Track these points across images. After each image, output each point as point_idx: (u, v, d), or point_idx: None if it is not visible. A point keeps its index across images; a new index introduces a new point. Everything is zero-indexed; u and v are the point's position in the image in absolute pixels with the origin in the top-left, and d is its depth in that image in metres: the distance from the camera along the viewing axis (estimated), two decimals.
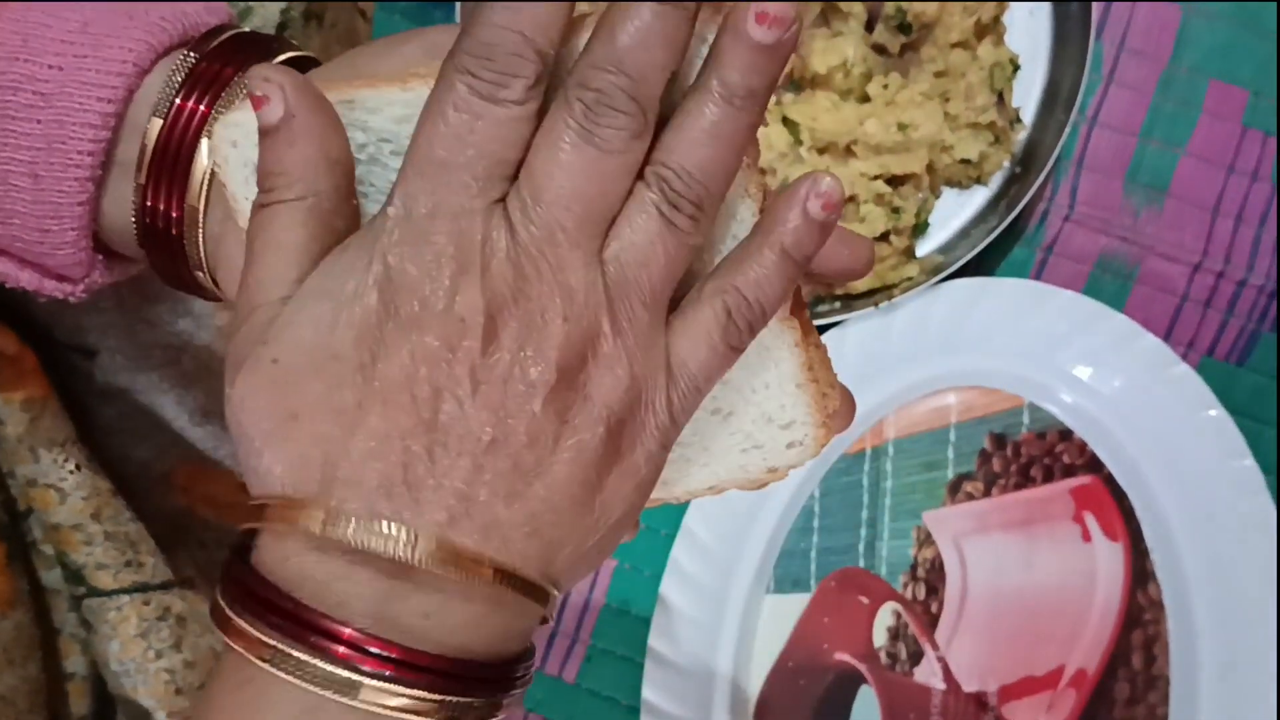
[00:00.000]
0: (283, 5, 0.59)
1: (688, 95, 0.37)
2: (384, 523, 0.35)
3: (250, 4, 0.59)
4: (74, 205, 0.46)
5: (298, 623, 0.36)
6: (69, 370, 0.60)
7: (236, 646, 0.37)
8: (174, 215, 0.46)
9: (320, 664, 0.35)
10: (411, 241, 0.35)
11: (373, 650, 0.35)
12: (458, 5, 0.83)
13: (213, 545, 0.66)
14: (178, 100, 0.45)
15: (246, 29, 0.49)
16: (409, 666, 0.36)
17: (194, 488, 0.65)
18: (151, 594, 0.60)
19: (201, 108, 0.46)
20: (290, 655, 0.35)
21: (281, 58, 0.48)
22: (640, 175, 0.36)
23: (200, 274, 0.47)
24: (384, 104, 0.40)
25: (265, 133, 0.37)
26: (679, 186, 0.36)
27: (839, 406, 0.43)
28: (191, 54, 0.46)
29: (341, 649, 0.35)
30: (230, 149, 0.42)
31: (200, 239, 0.46)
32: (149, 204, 0.46)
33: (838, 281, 0.44)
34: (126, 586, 0.59)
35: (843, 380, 0.80)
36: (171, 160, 0.45)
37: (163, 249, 0.47)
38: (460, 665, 0.37)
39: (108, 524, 0.58)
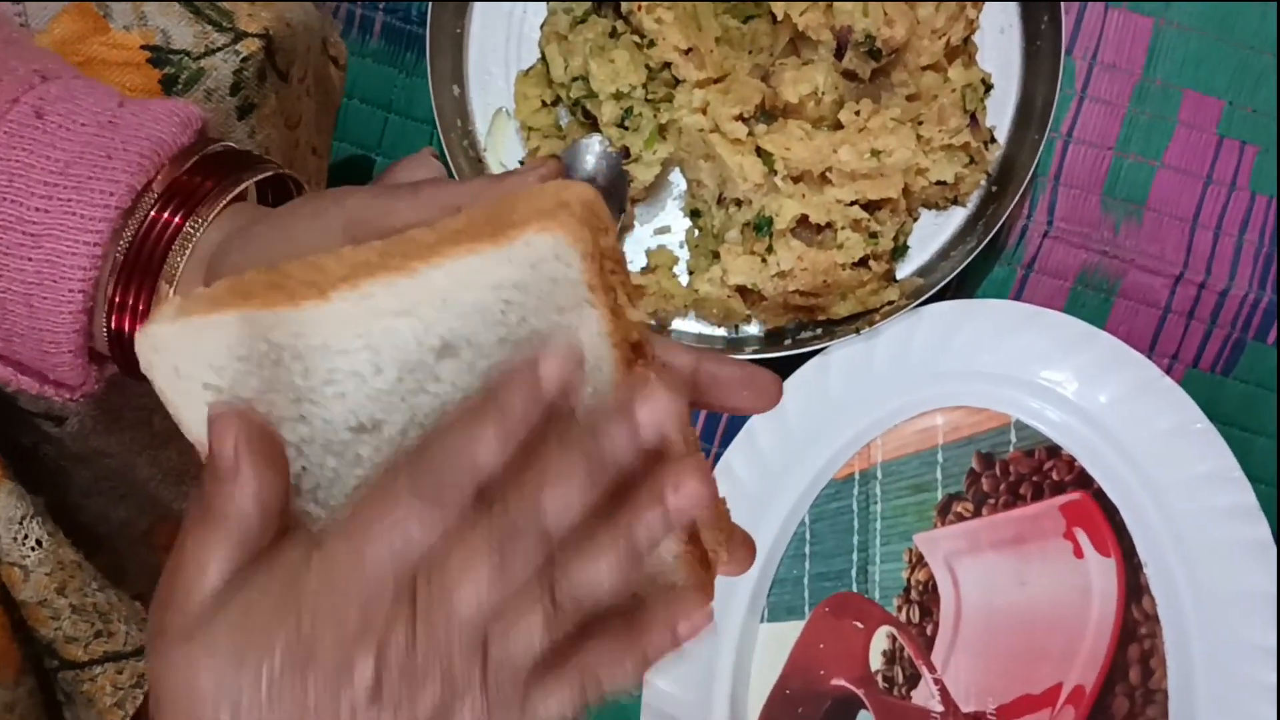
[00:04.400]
0: (235, 66, 0.59)
1: (600, 533, 0.39)
2: None
3: (201, 65, 0.59)
4: (69, 333, 0.48)
5: None
6: (41, 435, 0.60)
7: None
8: (141, 309, 0.48)
9: None
10: (326, 602, 0.39)
11: None
12: (428, 16, 0.82)
13: None
14: (152, 213, 0.48)
15: (226, 144, 0.51)
16: None
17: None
18: (125, 662, 0.60)
19: (176, 219, 0.48)
20: None
21: (259, 177, 0.50)
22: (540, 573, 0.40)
23: None
24: (306, 327, 0.41)
25: (210, 469, 0.40)
26: (570, 606, 0.39)
27: (737, 552, 0.46)
28: (173, 169, 0.49)
29: None
30: (154, 355, 0.43)
31: None
32: (117, 300, 0.48)
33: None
34: (98, 657, 0.58)
35: (829, 406, 0.80)
36: (143, 267, 0.48)
37: (128, 343, 0.49)
38: None
39: (74, 597, 0.57)
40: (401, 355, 0.42)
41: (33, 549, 0.56)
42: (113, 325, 0.49)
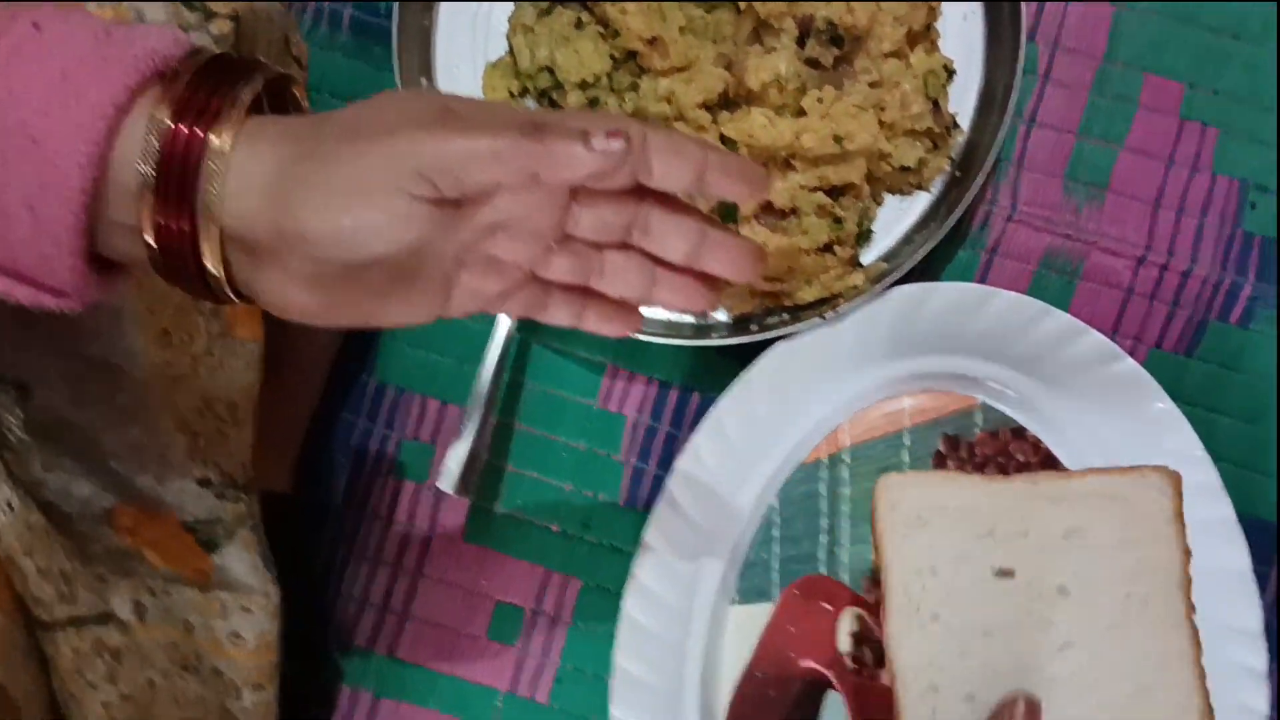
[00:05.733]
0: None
1: None
2: None
3: None
4: (71, 235, 0.51)
5: None
6: (5, 406, 0.61)
7: None
8: (185, 230, 0.52)
9: None
10: None
11: None
12: (395, 10, 0.83)
13: (160, 592, 0.67)
14: (170, 125, 0.51)
15: (217, 52, 0.54)
16: None
17: (139, 530, 0.66)
18: (86, 628, 0.60)
19: (199, 132, 0.51)
20: None
21: (264, 80, 0.54)
22: None
23: (214, 280, 0.53)
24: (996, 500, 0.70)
25: None
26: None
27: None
28: (173, 82, 0.52)
29: None
30: (894, 494, 0.69)
31: (213, 252, 0.52)
32: (159, 222, 0.51)
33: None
34: (62, 620, 0.59)
35: (796, 391, 0.82)
36: (177, 182, 0.51)
37: (175, 257, 0.52)
38: None
39: (40, 559, 0.58)
40: (1041, 528, 0.66)
41: (2, 513, 0.57)
42: (156, 241, 0.52)
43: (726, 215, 0.79)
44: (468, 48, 0.86)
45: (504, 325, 0.82)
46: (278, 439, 0.84)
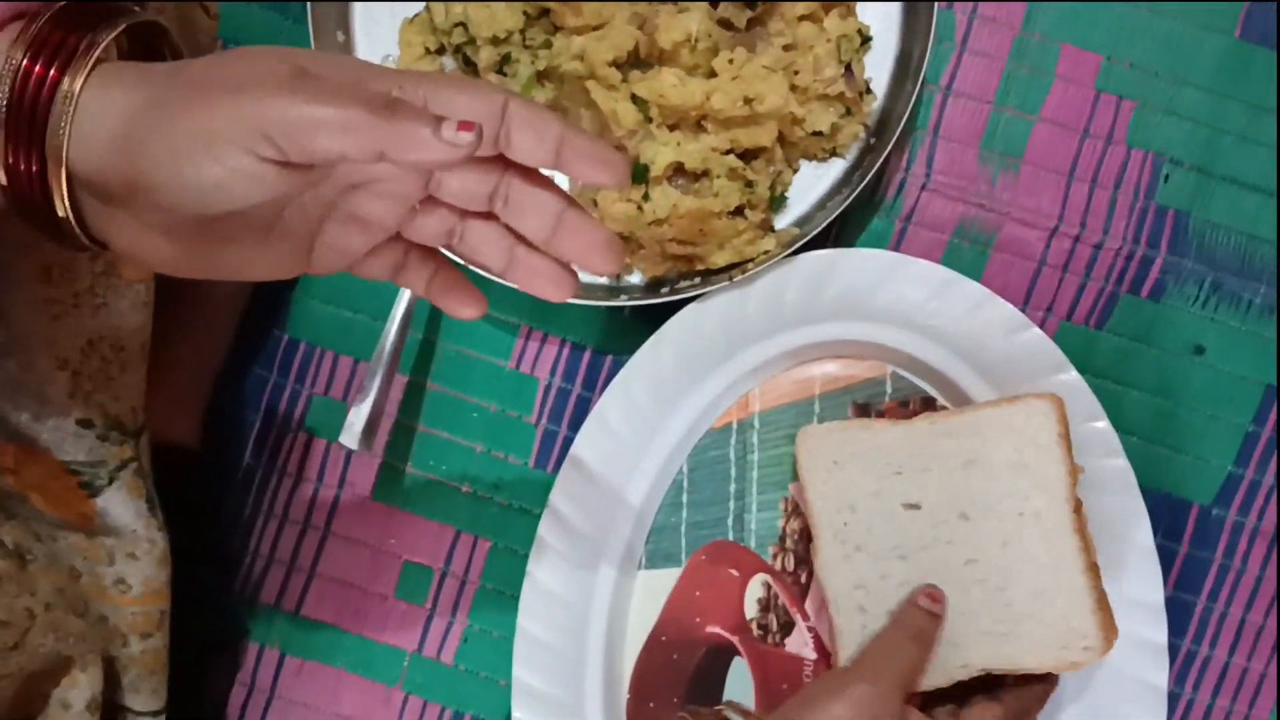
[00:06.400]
0: None
1: None
2: None
3: None
4: None
5: None
6: None
7: None
8: (34, 170, 0.51)
9: None
10: None
11: None
12: None
13: (46, 537, 0.66)
14: (24, 63, 0.51)
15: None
16: None
17: (20, 470, 0.65)
18: None
19: (51, 72, 0.51)
20: None
21: (126, 24, 0.53)
22: None
23: (67, 223, 0.53)
24: (897, 440, 0.77)
25: None
26: None
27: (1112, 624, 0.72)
28: (33, 22, 0.51)
29: None
30: (811, 443, 0.77)
31: (61, 195, 0.52)
32: (10, 161, 0.51)
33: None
34: None
35: (705, 354, 0.82)
36: (26, 121, 0.51)
37: (26, 199, 0.52)
38: None
39: None
40: (942, 462, 0.74)
41: None
42: (7, 181, 0.52)
43: (637, 175, 0.79)
44: (387, 3, 0.86)
45: None
46: (184, 392, 0.83)
